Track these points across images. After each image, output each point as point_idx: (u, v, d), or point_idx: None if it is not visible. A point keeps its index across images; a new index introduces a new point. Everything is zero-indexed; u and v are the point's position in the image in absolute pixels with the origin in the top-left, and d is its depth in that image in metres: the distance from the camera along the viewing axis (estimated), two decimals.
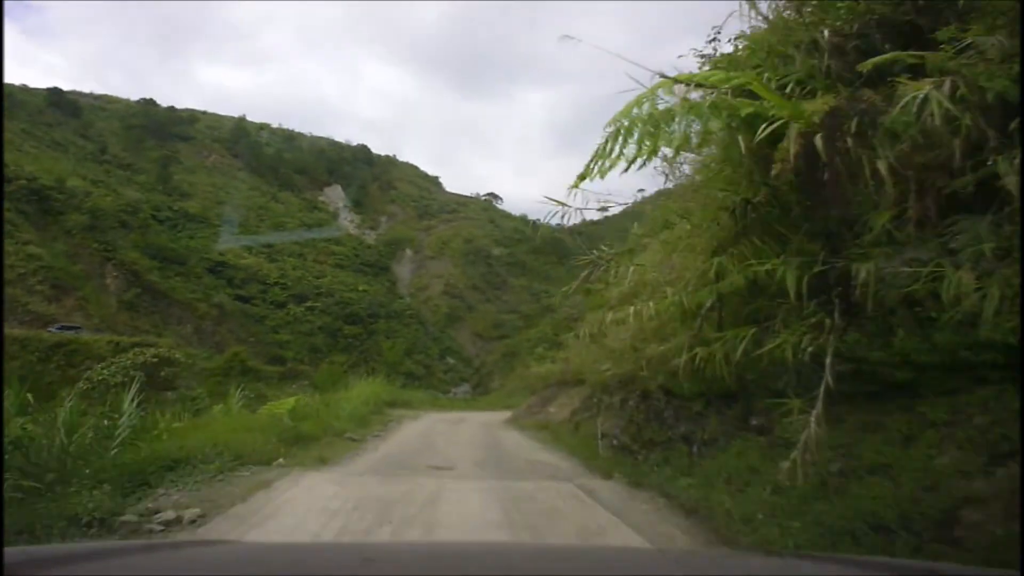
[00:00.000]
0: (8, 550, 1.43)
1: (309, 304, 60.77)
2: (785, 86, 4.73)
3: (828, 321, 4.46)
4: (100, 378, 15.41)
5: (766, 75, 4.83)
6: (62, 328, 32.20)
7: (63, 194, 44.60)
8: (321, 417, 13.04)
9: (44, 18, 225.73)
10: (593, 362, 12.57)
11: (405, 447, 11.90)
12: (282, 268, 64.09)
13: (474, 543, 3.90)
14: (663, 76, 4.62)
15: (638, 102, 4.57)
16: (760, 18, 5.53)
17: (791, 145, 4.05)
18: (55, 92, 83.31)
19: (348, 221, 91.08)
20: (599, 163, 4.66)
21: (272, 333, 54.17)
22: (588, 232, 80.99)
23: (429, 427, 16.61)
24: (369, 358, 40.28)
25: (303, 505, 6.14)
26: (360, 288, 68.69)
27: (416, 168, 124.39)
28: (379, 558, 1.77)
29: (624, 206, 7.17)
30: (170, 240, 55.11)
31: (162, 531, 5.10)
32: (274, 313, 57.83)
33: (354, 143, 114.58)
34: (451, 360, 66.21)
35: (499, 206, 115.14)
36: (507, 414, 22.34)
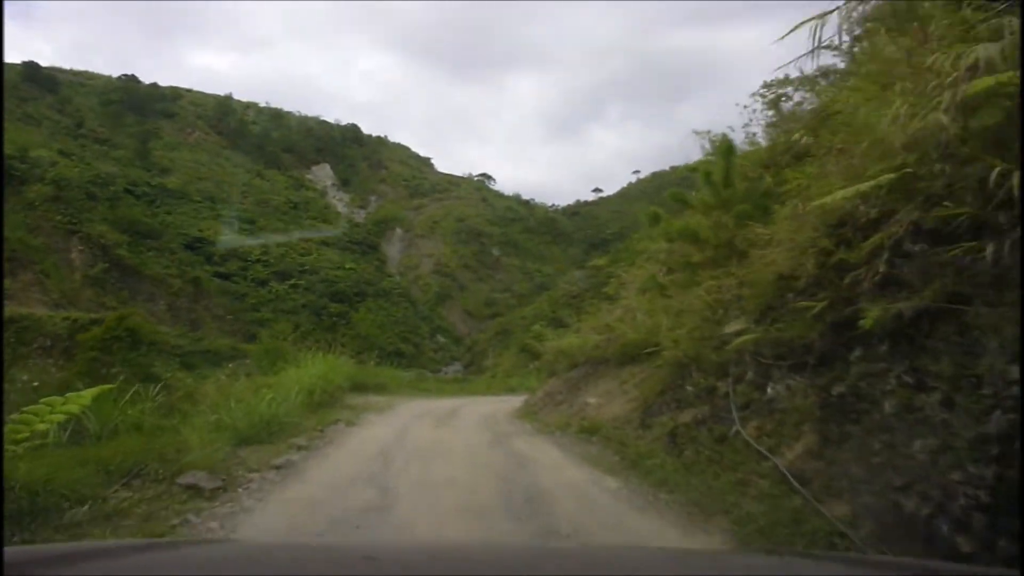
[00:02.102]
0: (8, 549, 1.39)
1: (293, 282, 58.22)
2: None
3: None
4: None
5: None
6: None
7: (26, 164, 41.90)
8: (175, 428, 7.31)
9: (31, 6, 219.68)
10: (671, 328, 8.14)
11: (314, 515, 5.17)
12: (265, 245, 61.55)
13: (476, 543, 3.90)
14: None
15: None
16: None
17: None
18: (31, 66, 79.95)
19: (336, 199, 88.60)
20: None
21: (252, 311, 51.65)
22: (583, 213, 79.68)
23: (399, 432, 9.98)
24: (355, 337, 37.69)
25: None
26: (347, 266, 66.19)
27: (407, 149, 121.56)
28: (381, 556, 1.73)
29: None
30: (144, 214, 52.32)
31: None
32: (255, 291, 55.27)
33: (344, 123, 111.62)
34: (442, 339, 64.04)
35: (492, 186, 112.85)
36: (514, 401, 16.43)
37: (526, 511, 5.27)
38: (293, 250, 63.92)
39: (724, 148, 7.48)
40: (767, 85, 10.89)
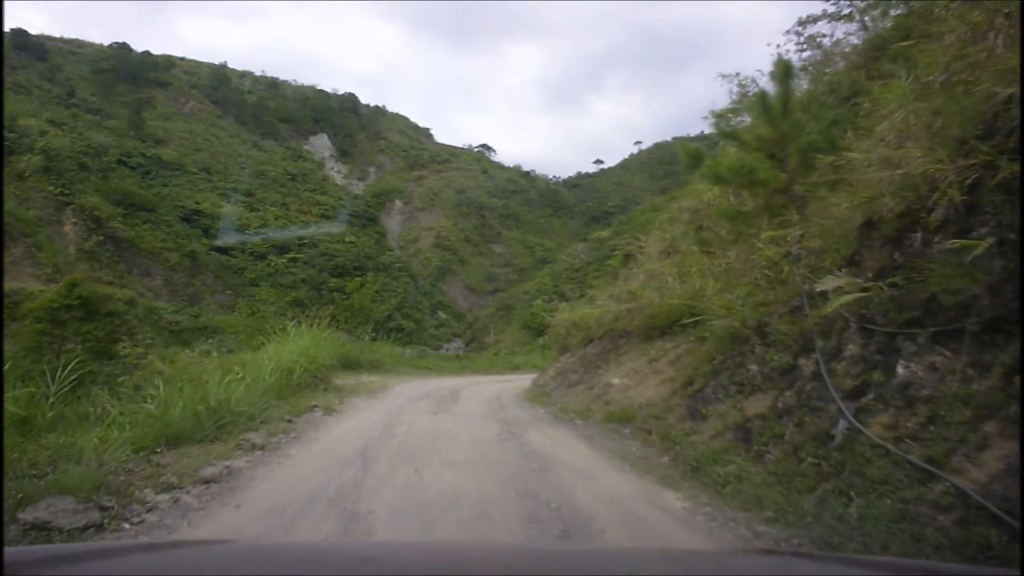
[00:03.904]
0: (8, 549, 1.41)
1: (292, 255, 57.08)
2: None
3: None
4: None
5: None
6: None
7: (15, 133, 40.59)
8: (82, 422, 5.92)
9: None
10: (719, 291, 6.97)
11: None
12: (263, 218, 60.29)
13: (475, 543, 3.72)
14: None
15: None
16: None
17: None
18: (20, 34, 78.04)
19: (335, 171, 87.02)
20: None
21: (251, 286, 50.57)
22: (584, 185, 78.49)
23: (389, 421, 8.42)
24: (350, 310, 36.41)
25: None
26: (347, 240, 64.99)
27: (406, 119, 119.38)
28: (379, 557, 1.73)
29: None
30: (139, 186, 51.03)
31: None
32: (253, 265, 54.15)
33: (341, 92, 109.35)
34: (443, 315, 63.12)
35: (492, 158, 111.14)
36: (521, 381, 15.30)
37: None
38: (292, 223, 62.69)
39: (782, 71, 6.28)
40: (802, 22, 9.87)
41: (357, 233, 68.42)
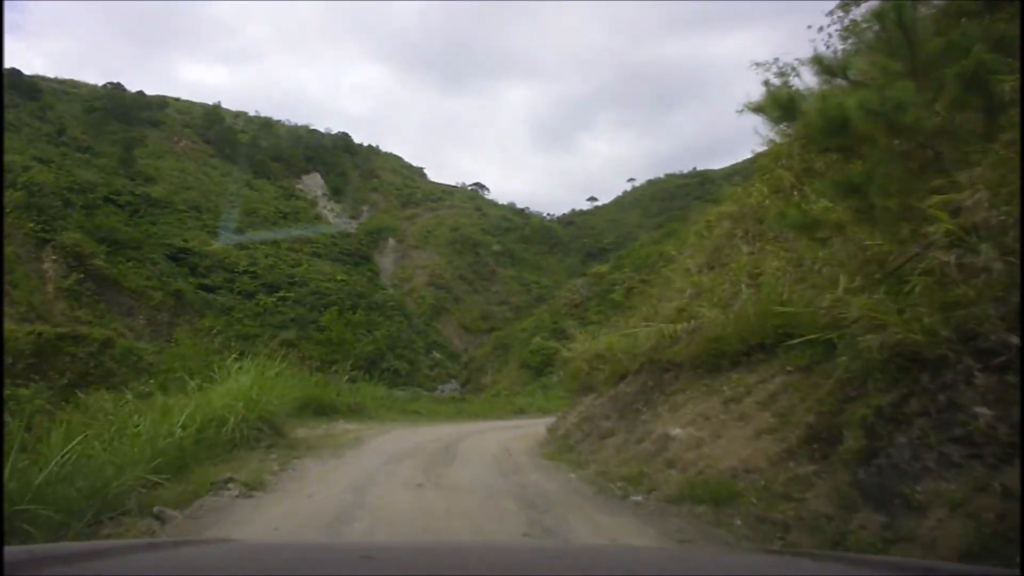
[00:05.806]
0: (9, 548, 1.38)
1: (281, 294, 55.69)
2: None
3: None
4: None
5: None
6: None
7: None
8: None
9: (23, 18, 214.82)
10: (854, 289, 4.62)
11: None
12: (252, 256, 58.94)
13: (474, 542, 3.76)
14: None
15: None
16: None
17: None
18: (14, 73, 77.58)
19: (327, 210, 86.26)
20: None
21: (239, 325, 49.04)
22: (578, 222, 77.80)
23: (343, 504, 5.59)
24: (325, 344, 34.42)
25: None
26: (338, 278, 63.76)
27: (399, 159, 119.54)
28: (379, 556, 1.70)
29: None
30: (125, 223, 49.85)
31: None
32: (242, 304, 52.67)
33: (334, 132, 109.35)
34: (437, 355, 61.60)
35: (486, 195, 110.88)
36: (530, 428, 13.18)
37: None
38: (283, 261, 61.53)
39: None
40: (843, 5, 8.50)
41: (349, 271, 67.29)
